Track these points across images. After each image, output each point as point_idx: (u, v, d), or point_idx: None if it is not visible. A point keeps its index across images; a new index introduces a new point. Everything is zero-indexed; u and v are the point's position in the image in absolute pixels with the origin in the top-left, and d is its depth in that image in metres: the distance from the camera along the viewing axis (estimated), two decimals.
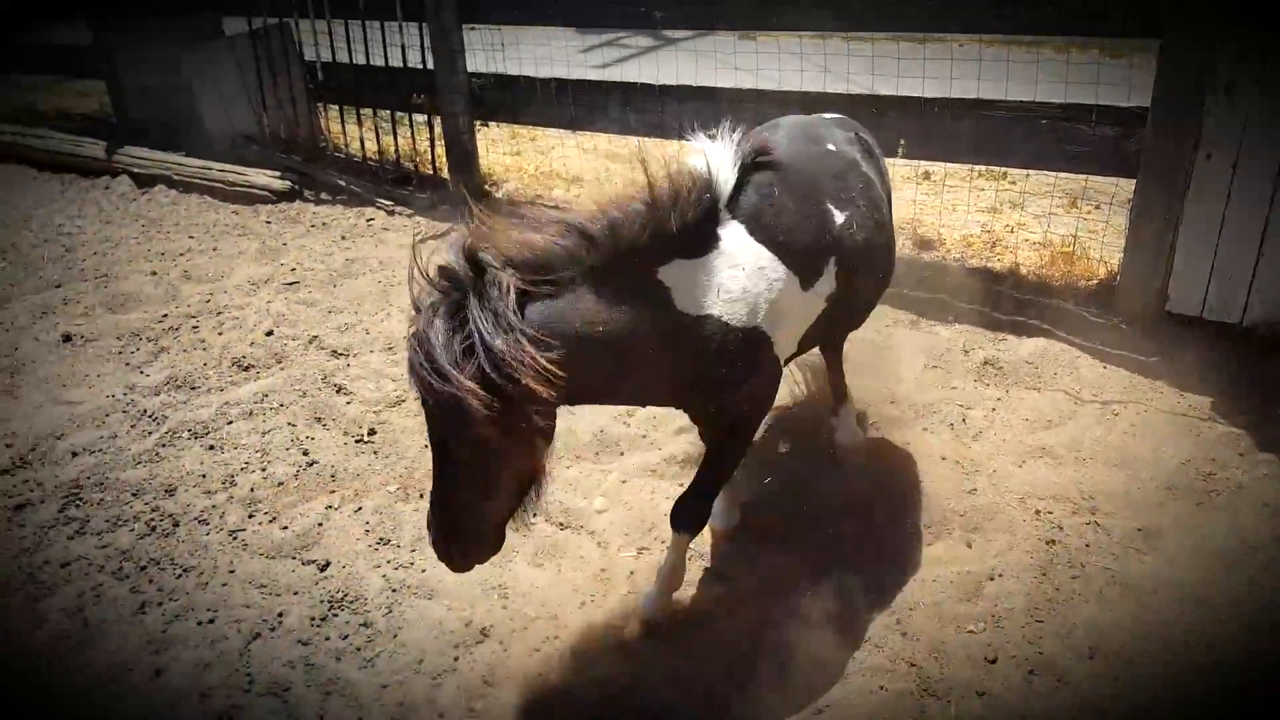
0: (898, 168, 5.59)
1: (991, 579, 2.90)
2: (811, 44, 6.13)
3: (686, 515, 2.71)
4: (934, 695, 2.53)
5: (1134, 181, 4.10)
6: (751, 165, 2.55)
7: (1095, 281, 4.38)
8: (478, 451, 2.11)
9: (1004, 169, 5.79)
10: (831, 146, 2.93)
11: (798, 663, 2.67)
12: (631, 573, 3.07)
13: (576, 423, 3.85)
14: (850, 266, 2.72)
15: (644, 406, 2.94)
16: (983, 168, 5.79)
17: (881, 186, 3.06)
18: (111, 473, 3.73)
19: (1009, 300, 4.45)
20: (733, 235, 2.46)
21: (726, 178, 2.47)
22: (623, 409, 3.89)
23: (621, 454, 3.71)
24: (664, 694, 2.62)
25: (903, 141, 4.59)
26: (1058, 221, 5.04)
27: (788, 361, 2.78)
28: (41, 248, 6.09)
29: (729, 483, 2.94)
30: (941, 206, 5.37)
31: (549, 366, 2.06)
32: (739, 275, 2.43)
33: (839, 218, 2.71)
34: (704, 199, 2.42)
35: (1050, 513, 3.14)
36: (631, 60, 9.56)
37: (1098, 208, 5.19)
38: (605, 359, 2.27)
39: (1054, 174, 4.92)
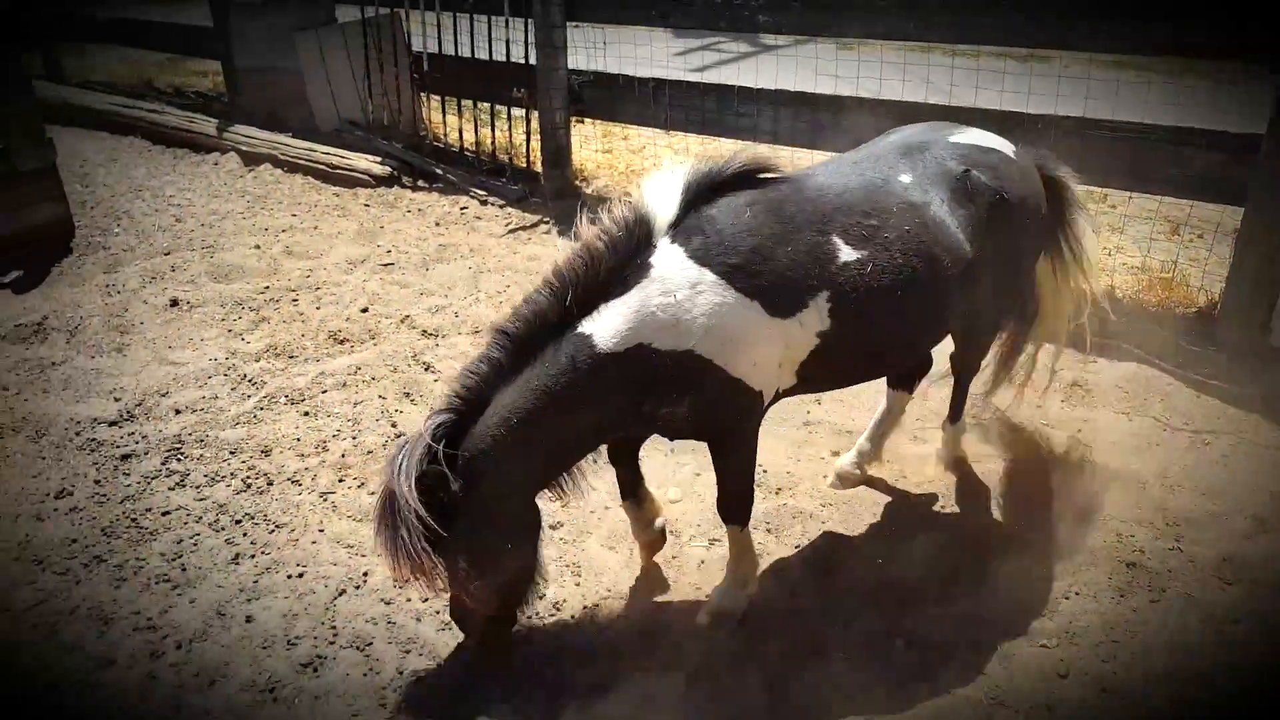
0: None
1: (1067, 597, 2.87)
2: (915, 57, 6.12)
3: (726, 510, 2.81)
4: (1002, 704, 2.52)
5: (1240, 211, 4.01)
6: (732, 184, 2.55)
7: (1194, 310, 4.28)
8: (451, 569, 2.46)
9: (1105, 192, 5.69)
10: (905, 179, 2.72)
11: (862, 660, 2.69)
12: (702, 562, 3.14)
13: None
14: (856, 309, 2.55)
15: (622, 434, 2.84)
16: (1081, 191, 5.68)
17: (970, 234, 2.74)
18: (212, 431, 3.93)
19: (1102, 323, 4.36)
20: (667, 260, 2.44)
21: (667, 210, 2.47)
22: None
23: (693, 450, 3.76)
24: (727, 678, 2.66)
25: None
26: (1158, 247, 4.93)
27: (796, 392, 2.75)
28: (153, 217, 6.39)
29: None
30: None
31: (416, 551, 2.34)
32: (669, 300, 2.41)
33: (845, 254, 2.55)
34: (634, 237, 2.45)
35: (1132, 536, 3.09)
36: (726, 65, 9.62)
37: (1200, 236, 5.07)
38: (543, 437, 2.44)
39: (1156, 200, 4.82)
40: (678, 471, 3.60)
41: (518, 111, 6.76)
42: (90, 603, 3.02)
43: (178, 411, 4.08)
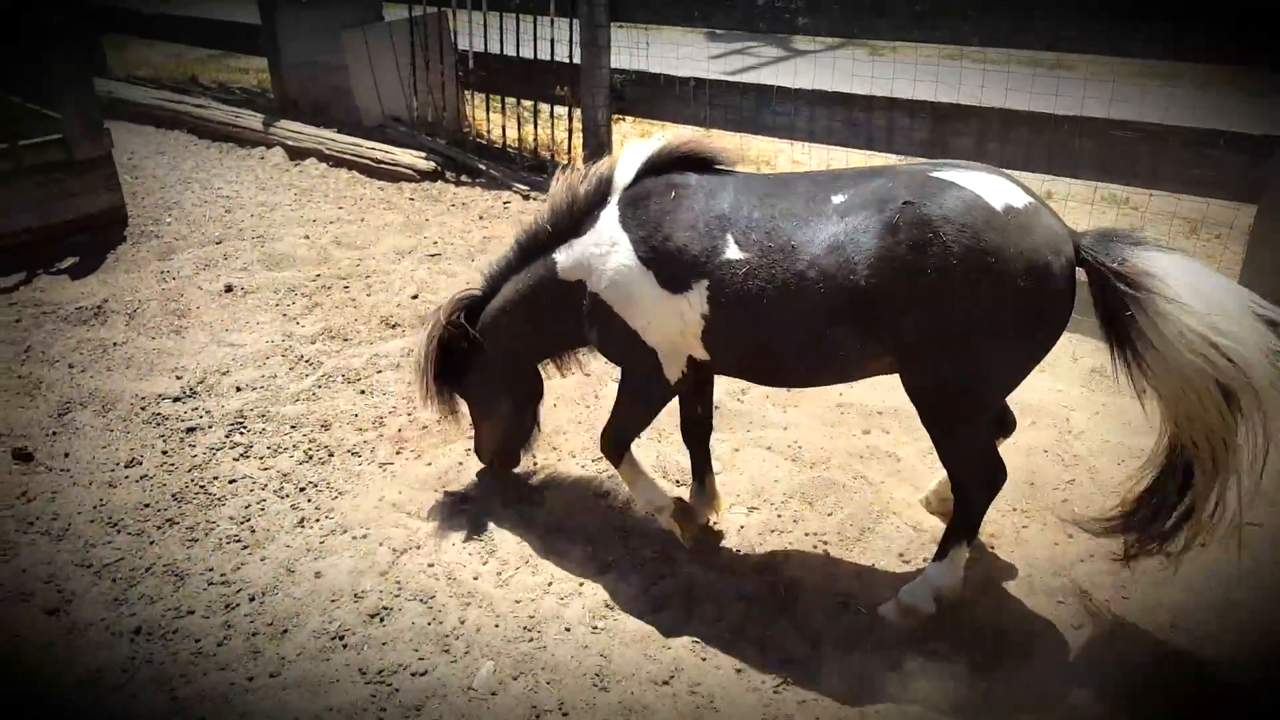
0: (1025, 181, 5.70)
1: (1082, 560, 3.05)
2: (947, 62, 6.28)
3: (603, 436, 3.28)
4: (1019, 656, 2.71)
5: (1254, 210, 4.16)
6: (680, 164, 2.92)
7: None
8: (475, 409, 3.50)
9: (1126, 195, 5.84)
10: (837, 199, 2.65)
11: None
12: (741, 527, 3.32)
13: None
14: (733, 304, 2.71)
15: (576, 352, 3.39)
16: (1105, 193, 5.85)
17: (878, 268, 2.52)
18: (272, 407, 4.15)
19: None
20: (608, 218, 2.94)
21: (625, 175, 2.94)
22: (735, 387, 4.13)
23: (732, 429, 3.95)
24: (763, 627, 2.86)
25: None
26: (1176, 246, 5.06)
27: (723, 372, 3.05)
28: (203, 207, 6.64)
29: (710, 497, 3.34)
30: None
31: (429, 381, 3.33)
32: (598, 250, 2.93)
33: (729, 252, 2.71)
34: (601, 193, 2.98)
35: None
36: (761, 68, 9.81)
37: (1218, 236, 5.21)
38: (520, 324, 3.22)
39: (1175, 202, 4.97)
40: (718, 447, 3.78)
41: (559, 110, 6.97)
42: (165, 560, 3.24)
43: (238, 389, 4.30)
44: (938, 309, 2.50)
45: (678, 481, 3.61)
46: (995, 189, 2.53)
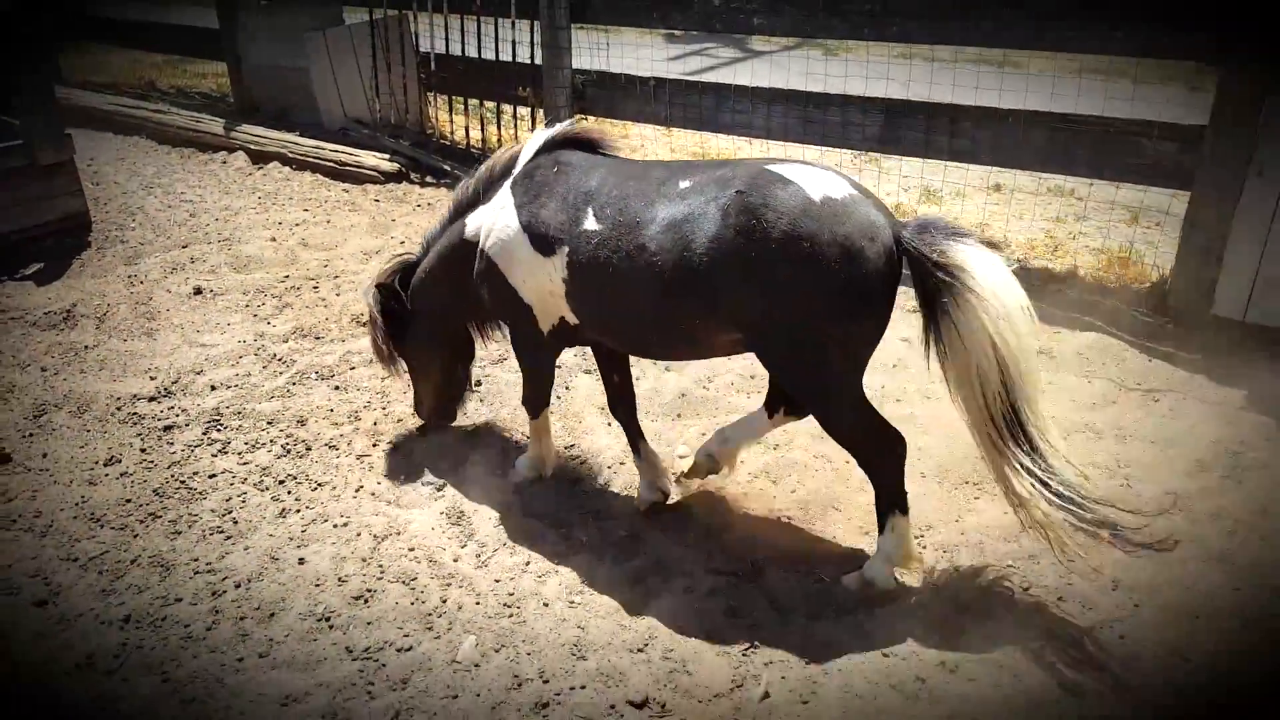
0: (972, 174, 5.94)
1: (1027, 530, 3.23)
2: (898, 60, 6.51)
3: (523, 398, 3.61)
4: (973, 613, 2.89)
5: (1189, 196, 4.41)
6: (567, 145, 3.30)
7: (1148, 285, 4.69)
8: (411, 367, 3.86)
9: (1071, 186, 6.11)
10: (684, 183, 2.89)
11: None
12: (707, 508, 3.48)
13: (663, 385, 4.28)
14: (585, 271, 3.01)
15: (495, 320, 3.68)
16: (1050, 185, 6.11)
17: (709, 250, 2.75)
18: (248, 404, 4.24)
19: (1066, 298, 4.77)
20: (505, 189, 3.30)
21: (528, 153, 3.33)
22: (701, 374, 4.30)
23: (698, 414, 4.11)
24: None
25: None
26: (1116, 232, 5.34)
27: (591, 339, 3.35)
28: (167, 212, 6.66)
29: (651, 465, 3.51)
30: (1009, 214, 5.69)
31: (379, 341, 3.75)
32: (491, 214, 3.31)
33: (587, 224, 3.01)
34: (507, 168, 3.36)
35: (1086, 476, 3.46)
36: (718, 69, 9.99)
37: (1158, 225, 5.48)
38: (442, 284, 3.58)
39: (1115, 192, 5.23)
40: (684, 433, 3.95)
41: (521, 110, 7.09)
42: (150, 552, 3.32)
43: (213, 387, 4.37)
44: (764, 289, 2.72)
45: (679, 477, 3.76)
46: (818, 182, 2.75)
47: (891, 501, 2.99)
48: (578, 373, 4.45)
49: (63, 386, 4.38)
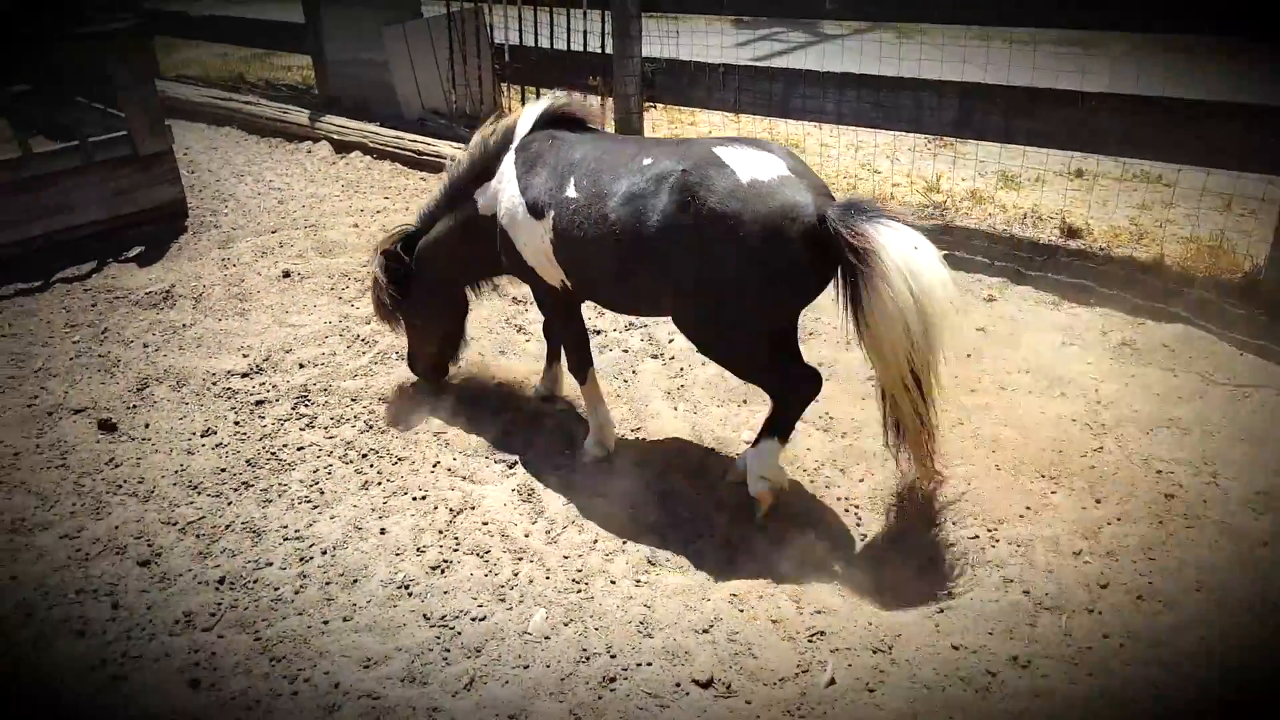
0: (1053, 159, 5.81)
1: (1109, 524, 3.19)
2: (974, 43, 6.39)
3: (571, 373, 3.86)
4: (1047, 609, 2.86)
5: None
6: (561, 120, 3.60)
7: (1240, 275, 4.53)
8: (408, 325, 4.17)
9: (1158, 173, 5.93)
10: (646, 160, 3.16)
11: (917, 566, 3.05)
12: (783, 488, 3.51)
13: (727, 371, 4.31)
14: (566, 233, 3.32)
15: (491, 279, 4.11)
16: (1135, 171, 5.94)
17: (656, 222, 3.04)
18: (334, 381, 4.41)
19: (1151, 288, 4.64)
20: (508, 162, 3.57)
21: (524, 127, 3.60)
22: None
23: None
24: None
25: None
26: (1206, 219, 5.17)
27: (571, 296, 3.60)
28: (257, 199, 6.93)
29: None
30: (1092, 201, 5.56)
31: (383, 300, 4.05)
32: (498, 187, 3.59)
33: (568, 192, 3.32)
34: (505, 142, 3.62)
35: (1172, 473, 3.40)
36: (787, 54, 9.92)
37: (1252, 212, 5.29)
38: (451, 254, 3.92)
39: (1206, 178, 5.05)
40: (751, 418, 3.98)
41: (591, 99, 7.17)
42: (243, 518, 3.50)
43: (301, 366, 4.56)
44: (696, 259, 3.02)
45: (711, 450, 3.81)
46: (751, 164, 3.00)
47: (777, 429, 3.28)
48: (645, 358, 4.51)
49: (163, 362, 4.62)
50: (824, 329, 4.65)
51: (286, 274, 5.59)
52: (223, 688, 2.76)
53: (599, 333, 4.75)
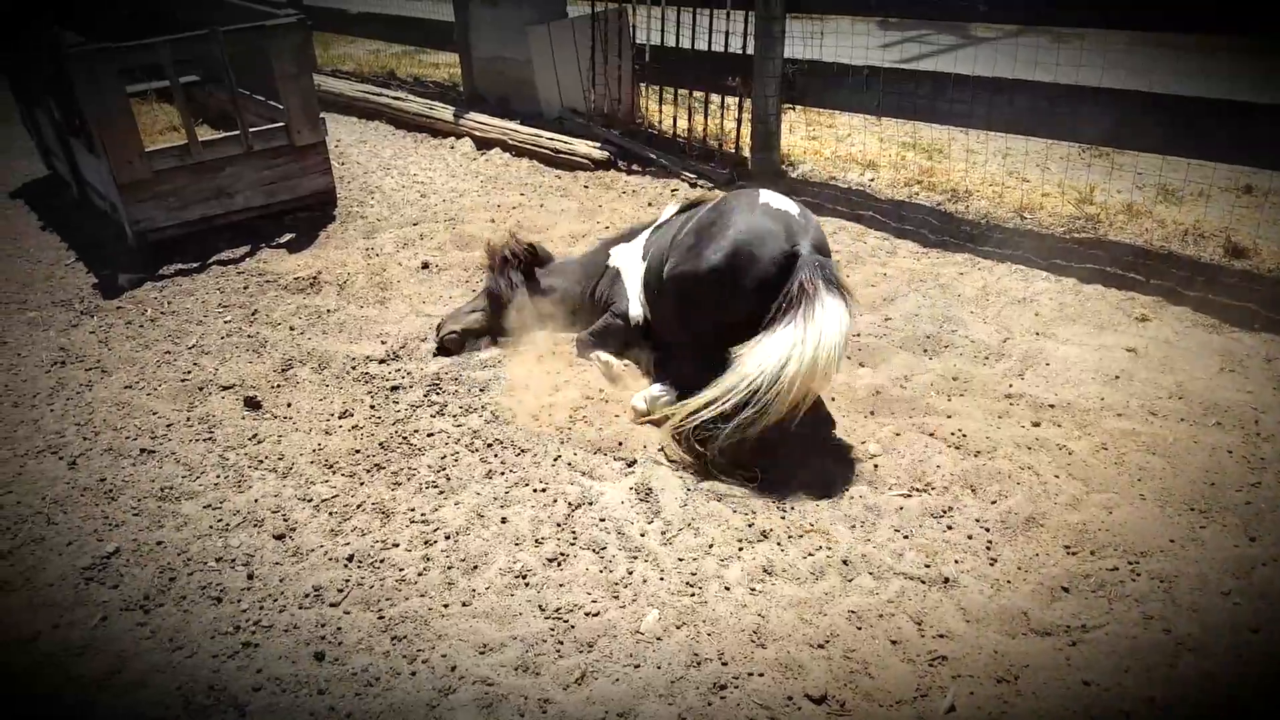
0: (1218, 173, 5.43)
1: (1264, 564, 2.95)
2: (1136, 50, 6.03)
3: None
4: (1191, 650, 2.67)
5: None
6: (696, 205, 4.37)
7: None
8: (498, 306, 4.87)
9: None
10: (679, 238, 4.02)
11: (1058, 598, 2.90)
12: (900, 509, 3.40)
13: (855, 381, 4.21)
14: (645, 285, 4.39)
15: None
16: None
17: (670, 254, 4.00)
18: (464, 371, 4.54)
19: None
20: (644, 234, 4.62)
21: (665, 215, 4.59)
22: (898, 375, 4.20)
23: (893, 413, 4.02)
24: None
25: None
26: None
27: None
28: (401, 192, 7.20)
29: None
30: (1261, 220, 5.16)
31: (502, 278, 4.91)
32: (628, 249, 4.64)
33: (647, 260, 4.44)
34: (649, 223, 4.69)
35: None
36: (934, 56, 9.62)
37: None
38: (574, 279, 4.90)
39: None
40: (878, 431, 3.87)
41: (728, 100, 7.13)
42: (374, 499, 3.64)
43: (435, 355, 4.72)
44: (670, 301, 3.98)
45: (834, 460, 3.72)
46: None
47: (669, 380, 4.06)
48: None
49: (307, 345, 4.86)
50: (960, 342, 4.48)
51: (425, 265, 5.78)
52: (346, 662, 2.88)
53: None
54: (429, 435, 4.05)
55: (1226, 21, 4.63)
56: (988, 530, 3.30)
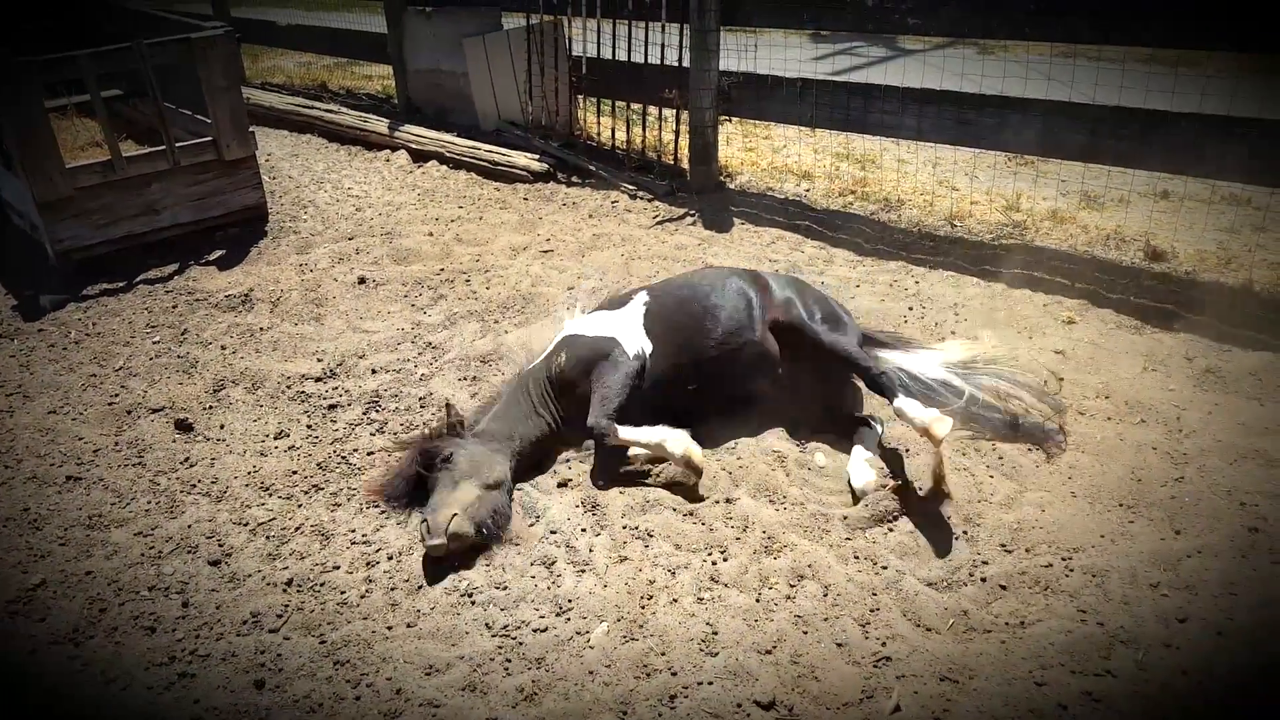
0: (1137, 179, 5.64)
1: (1190, 556, 3.06)
2: (1059, 60, 6.23)
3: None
4: (1123, 642, 2.76)
5: None
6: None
7: None
8: None
9: (1248, 196, 5.71)
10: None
11: (997, 597, 2.96)
12: (845, 517, 3.45)
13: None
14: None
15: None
16: (1224, 193, 5.72)
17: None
18: (404, 387, 4.48)
19: (1238, 314, 4.47)
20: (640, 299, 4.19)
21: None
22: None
23: (834, 420, 4.07)
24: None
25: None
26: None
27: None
28: (335, 206, 7.08)
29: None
30: (1177, 224, 5.37)
31: None
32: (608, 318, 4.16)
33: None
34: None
35: (1256, 505, 3.26)
36: (865, 69, 9.82)
37: None
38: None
39: None
40: (820, 439, 3.93)
41: (666, 112, 7.19)
42: (313, 521, 3.57)
43: (374, 371, 4.65)
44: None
45: (781, 468, 3.76)
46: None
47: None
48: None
49: (239, 364, 4.74)
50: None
51: (362, 280, 5.70)
52: (287, 689, 2.81)
53: None
54: (369, 454, 3.99)
55: (1143, 32, 4.81)
56: (927, 532, 3.36)
